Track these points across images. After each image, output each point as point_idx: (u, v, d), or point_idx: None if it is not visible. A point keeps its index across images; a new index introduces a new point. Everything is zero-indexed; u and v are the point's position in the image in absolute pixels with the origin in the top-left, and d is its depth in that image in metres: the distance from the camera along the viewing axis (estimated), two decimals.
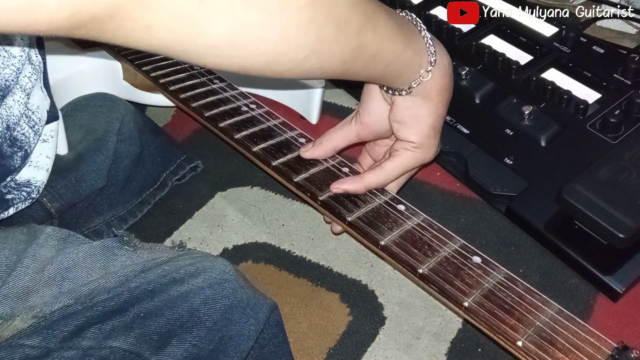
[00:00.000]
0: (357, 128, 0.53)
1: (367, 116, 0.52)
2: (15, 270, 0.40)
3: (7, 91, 0.45)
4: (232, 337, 0.40)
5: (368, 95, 0.52)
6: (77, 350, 0.37)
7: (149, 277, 0.40)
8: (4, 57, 0.44)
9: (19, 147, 0.48)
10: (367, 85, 0.52)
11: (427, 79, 0.47)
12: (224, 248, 0.59)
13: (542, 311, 0.39)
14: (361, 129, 0.53)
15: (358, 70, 0.44)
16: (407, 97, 0.49)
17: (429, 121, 0.50)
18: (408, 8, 0.81)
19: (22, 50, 0.46)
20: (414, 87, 0.47)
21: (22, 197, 0.50)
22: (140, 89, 0.69)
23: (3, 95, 0.45)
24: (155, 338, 0.38)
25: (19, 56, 0.46)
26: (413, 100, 0.49)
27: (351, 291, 0.54)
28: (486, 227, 0.59)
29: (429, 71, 0.47)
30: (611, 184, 0.52)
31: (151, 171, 0.65)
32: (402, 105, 0.49)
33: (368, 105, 0.52)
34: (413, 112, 0.49)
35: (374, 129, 0.53)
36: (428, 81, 0.47)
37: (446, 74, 0.49)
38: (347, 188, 0.50)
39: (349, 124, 0.53)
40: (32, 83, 0.48)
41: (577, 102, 0.62)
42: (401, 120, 0.50)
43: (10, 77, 0.45)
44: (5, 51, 0.44)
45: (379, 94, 0.51)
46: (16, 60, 0.45)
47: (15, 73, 0.45)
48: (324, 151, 0.53)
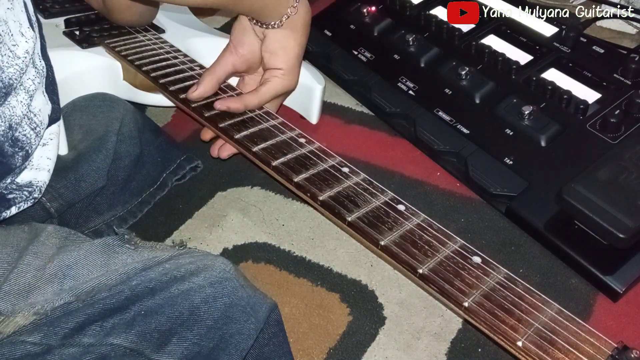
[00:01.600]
0: (232, 59, 0.62)
1: (242, 48, 0.62)
2: (17, 267, 0.40)
3: (11, 89, 0.46)
4: (233, 335, 0.40)
5: (242, 31, 0.62)
6: (77, 347, 0.37)
7: (149, 275, 0.40)
8: (9, 57, 0.45)
9: (20, 147, 0.48)
10: (241, 22, 0.62)
11: (295, 14, 0.59)
12: (224, 248, 0.59)
13: (542, 311, 0.39)
14: (236, 59, 0.62)
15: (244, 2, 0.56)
16: (278, 30, 0.59)
17: (296, 51, 0.61)
18: (408, 8, 0.81)
19: (26, 52, 0.47)
20: (284, 21, 0.59)
21: (24, 196, 0.50)
22: (140, 89, 0.69)
23: (6, 93, 0.45)
24: (155, 336, 0.38)
25: (23, 57, 0.46)
26: (283, 34, 0.60)
27: (351, 291, 0.54)
28: (486, 227, 0.59)
29: (295, 7, 0.59)
30: (611, 184, 0.52)
31: (151, 171, 0.65)
32: (273, 38, 0.60)
33: (242, 39, 0.62)
34: (283, 44, 0.60)
35: (247, 59, 0.63)
36: (295, 16, 0.59)
37: (308, 11, 0.61)
38: (230, 105, 0.59)
39: (224, 57, 0.62)
40: (35, 86, 0.49)
41: (577, 102, 0.62)
42: (272, 51, 0.61)
43: (14, 76, 0.46)
44: (10, 51, 0.45)
45: (251, 29, 0.61)
46: (20, 61, 0.46)
47: (18, 73, 0.46)
48: (210, 86, 0.61)
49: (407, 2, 0.81)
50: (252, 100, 0.60)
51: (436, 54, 0.74)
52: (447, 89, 0.69)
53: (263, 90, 0.61)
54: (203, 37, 0.76)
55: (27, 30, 0.47)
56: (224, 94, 0.62)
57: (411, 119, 0.69)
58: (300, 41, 0.61)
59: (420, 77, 0.72)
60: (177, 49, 0.71)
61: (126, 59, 0.67)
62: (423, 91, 0.71)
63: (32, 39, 0.47)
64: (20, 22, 0.46)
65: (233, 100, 0.59)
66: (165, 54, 0.70)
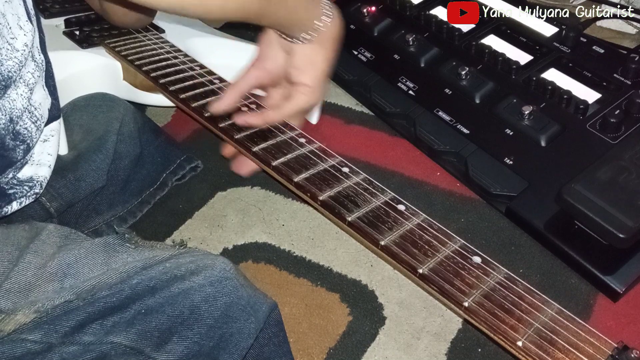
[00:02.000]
0: (256, 73, 0.61)
1: (267, 62, 0.60)
2: (18, 265, 0.41)
3: (10, 82, 0.46)
4: (233, 334, 0.40)
5: (268, 44, 0.60)
6: (78, 345, 0.37)
7: (150, 274, 0.40)
8: (8, 50, 0.45)
9: (22, 140, 0.48)
10: (267, 35, 0.59)
11: (324, 29, 0.56)
12: (224, 248, 0.59)
13: (542, 311, 0.39)
14: (260, 73, 0.61)
15: (270, 15, 0.53)
16: (305, 45, 0.57)
17: (323, 67, 0.59)
18: (408, 8, 0.81)
19: (25, 46, 0.46)
20: (313, 35, 0.56)
21: (25, 191, 0.50)
22: (140, 89, 0.69)
23: (6, 86, 0.45)
24: (156, 334, 0.38)
25: (22, 50, 0.46)
26: (311, 48, 0.57)
27: (351, 291, 0.54)
28: (486, 227, 0.59)
29: (324, 21, 0.56)
30: (611, 184, 0.52)
31: (151, 171, 0.65)
32: (301, 52, 0.58)
33: (268, 53, 0.60)
34: (310, 60, 0.58)
35: (272, 73, 0.61)
36: (324, 31, 0.57)
37: (339, 25, 0.59)
38: (249, 120, 0.57)
39: (249, 71, 0.61)
40: (34, 79, 0.49)
41: (577, 102, 0.62)
42: (299, 66, 0.58)
43: (13, 69, 0.46)
44: (8, 44, 0.45)
45: (277, 43, 0.59)
46: (19, 54, 0.46)
47: (17, 66, 0.46)
48: (232, 99, 0.59)
49: (407, 2, 0.81)
50: (274, 116, 0.58)
51: (436, 54, 0.74)
52: (447, 89, 0.69)
53: (286, 106, 0.59)
54: (203, 37, 0.76)
55: (25, 24, 0.47)
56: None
57: (411, 119, 0.69)
58: (328, 57, 0.59)
59: (420, 77, 0.72)
60: (178, 48, 0.71)
61: (126, 59, 0.67)
62: (423, 91, 0.71)
63: (30, 32, 0.47)
64: (18, 16, 0.46)
65: (253, 115, 0.57)
66: (166, 53, 0.70)
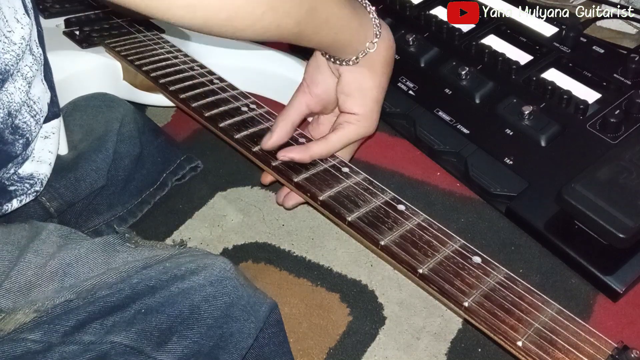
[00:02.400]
0: (306, 99, 0.56)
1: (316, 87, 0.56)
2: (18, 264, 0.41)
3: (7, 75, 0.45)
4: (233, 334, 0.40)
5: (316, 68, 0.55)
6: (78, 345, 0.37)
7: (150, 274, 0.40)
8: (4, 43, 0.45)
9: (21, 134, 0.48)
10: (316, 58, 0.55)
11: (373, 51, 0.51)
12: (224, 248, 0.59)
13: (542, 311, 0.39)
14: (310, 99, 0.56)
15: (310, 34, 0.48)
16: (354, 68, 0.52)
17: (374, 94, 0.54)
18: (408, 8, 0.81)
19: (22, 39, 0.46)
20: (360, 57, 0.51)
21: (25, 189, 0.50)
22: (140, 89, 0.69)
23: (3, 79, 0.45)
24: (156, 334, 0.38)
25: (19, 43, 0.46)
26: (360, 72, 0.53)
27: (351, 291, 0.54)
28: (486, 227, 0.59)
29: (374, 42, 0.51)
30: (611, 184, 0.52)
31: (151, 171, 0.65)
32: (349, 77, 0.53)
33: (317, 77, 0.56)
34: (359, 85, 0.53)
35: (322, 99, 0.56)
36: (373, 53, 0.52)
37: (390, 47, 0.54)
38: (294, 156, 0.53)
39: (298, 98, 0.56)
40: (33, 73, 0.48)
41: (577, 102, 0.62)
42: (348, 92, 0.54)
43: (10, 63, 0.45)
44: (5, 37, 0.45)
45: (326, 66, 0.55)
46: (16, 47, 0.46)
47: (15, 59, 0.46)
48: (284, 132, 0.55)
49: (407, 2, 0.81)
50: (320, 150, 0.53)
51: (436, 54, 0.74)
52: (447, 89, 0.69)
53: (333, 138, 0.54)
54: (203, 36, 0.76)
55: (22, 17, 0.46)
56: None
57: (411, 119, 0.69)
58: (379, 82, 0.54)
59: (420, 77, 0.72)
60: (178, 48, 0.71)
61: (126, 59, 0.67)
62: (423, 91, 0.71)
63: (28, 25, 0.47)
64: (15, 9, 0.46)
65: (298, 150, 0.53)
66: (166, 53, 0.70)
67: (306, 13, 0.45)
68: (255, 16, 0.42)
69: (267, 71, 0.73)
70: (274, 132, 0.54)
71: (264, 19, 0.43)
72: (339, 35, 0.49)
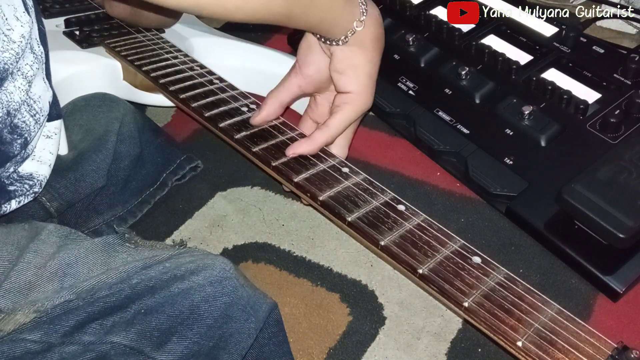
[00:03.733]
0: (297, 80, 0.57)
1: (308, 68, 0.56)
2: (18, 265, 0.41)
3: (6, 74, 0.45)
4: (232, 334, 0.40)
5: (308, 48, 0.56)
6: (78, 345, 0.37)
7: (149, 274, 0.40)
8: (3, 42, 0.45)
9: (19, 134, 0.48)
10: (307, 39, 0.56)
11: (361, 29, 0.52)
12: (224, 248, 0.59)
13: (542, 311, 0.39)
14: (302, 80, 0.56)
15: (299, 15, 0.49)
16: (345, 47, 0.53)
17: (366, 70, 0.54)
18: (408, 8, 0.81)
19: (22, 37, 0.46)
20: (349, 36, 0.52)
21: (25, 189, 0.50)
22: (140, 89, 0.69)
23: (2, 79, 0.45)
24: (155, 334, 0.38)
25: (19, 42, 0.46)
26: (351, 50, 0.53)
27: (351, 291, 0.54)
28: (486, 227, 0.59)
29: (362, 21, 0.52)
30: (611, 184, 0.52)
31: (151, 171, 0.65)
32: (341, 55, 0.54)
33: (308, 57, 0.56)
34: (351, 62, 0.54)
35: (315, 79, 0.56)
36: (362, 30, 0.52)
37: (378, 23, 0.54)
38: (302, 151, 0.53)
39: (289, 78, 0.57)
40: (33, 72, 0.48)
41: (577, 102, 0.62)
42: (341, 70, 0.54)
43: (10, 61, 0.45)
44: (5, 36, 0.45)
45: (317, 46, 0.55)
46: (15, 45, 0.45)
47: (14, 58, 0.45)
48: (272, 110, 0.56)
49: (407, 2, 0.81)
50: (324, 136, 0.54)
51: (436, 54, 0.74)
52: (447, 89, 0.69)
53: (334, 122, 0.55)
54: (203, 36, 0.76)
55: (22, 15, 0.46)
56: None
57: (411, 119, 0.69)
58: (371, 58, 0.54)
59: (420, 77, 0.72)
60: (178, 48, 0.71)
61: (126, 59, 0.67)
62: (423, 91, 0.71)
63: (28, 23, 0.46)
64: (14, 7, 0.46)
65: (304, 144, 0.54)
66: (166, 53, 0.70)
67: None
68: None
69: (267, 71, 0.73)
70: (263, 109, 0.56)
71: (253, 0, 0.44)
72: (327, 15, 0.50)
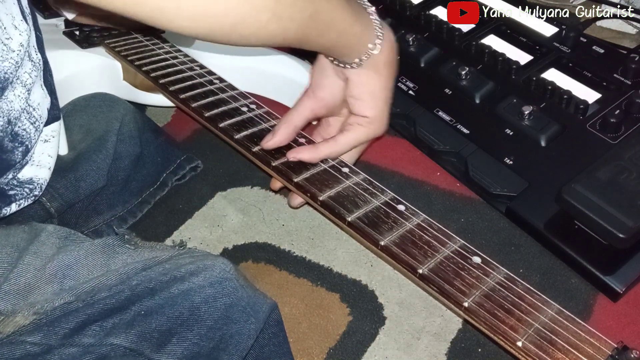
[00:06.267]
0: (310, 104, 0.55)
1: (321, 91, 0.55)
2: (17, 267, 0.40)
3: (7, 84, 0.45)
4: (232, 335, 0.40)
5: (321, 72, 0.55)
6: (77, 347, 0.37)
7: (149, 275, 0.40)
8: (3, 51, 0.44)
9: (20, 142, 0.48)
10: (320, 62, 0.55)
11: (376, 52, 0.51)
12: (224, 248, 0.59)
13: (542, 311, 0.39)
14: (315, 104, 0.55)
15: (314, 38, 0.47)
16: (359, 71, 0.52)
17: (383, 96, 0.54)
18: (408, 8, 0.81)
19: (21, 46, 0.46)
20: (364, 60, 0.51)
21: (25, 193, 0.50)
22: (140, 89, 0.69)
23: (2, 88, 0.45)
24: (155, 336, 0.38)
25: (18, 50, 0.46)
26: (366, 74, 0.52)
27: (351, 291, 0.54)
28: (486, 227, 0.59)
29: (377, 44, 0.51)
30: (611, 184, 0.52)
31: (151, 171, 0.65)
32: (357, 81, 0.53)
33: (322, 81, 0.55)
34: (368, 89, 0.53)
35: (328, 102, 0.56)
36: (377, 55, 0.51)
37: (392, 48, 0.53)
38: (302, 157, 0.53)
39: (303, 102, 0.56)
40: (32, 79, 0.48)
41: (577, 102, 0.62)
42: (358, 96, 0.54)
43: (9, 70, 0.45)
44: (4, 45, 0.45)
45: (331, 69, 0.54)
46: (15, 54, 0.45)
47: (14, 67, 0.45)
48: (285, 135, 0.55)
49: (407, 2, 0.81)
50: (329, 150, 0.54)
51: (436, 54, 0.74)
52: (447, 89, 0.69)
53: (342, 140, 0.54)
54: None
55: (20, 23, 0.46)
56: None
57: (411, 119, 0.69)
58: (386, 84, 0.54)
59: (420, 77, 0.72)
60: (178, 48, 0.71)
61: (126, 59, 0.67)
62: (423, 91, 0.71)
63: (26, 31, 0.46)
64: (13, 15, 0.46)
65: (306, 150, 0.53)
66: (165, 54, 0.70)
67: (309, 17, 0.45)
68: (260, 23, 0.42)
69: (267, 71, 0.73)
70: (276, 134, 0.54)
71: (268, 26, 0.42)
72: (342, 38, 0.49)
